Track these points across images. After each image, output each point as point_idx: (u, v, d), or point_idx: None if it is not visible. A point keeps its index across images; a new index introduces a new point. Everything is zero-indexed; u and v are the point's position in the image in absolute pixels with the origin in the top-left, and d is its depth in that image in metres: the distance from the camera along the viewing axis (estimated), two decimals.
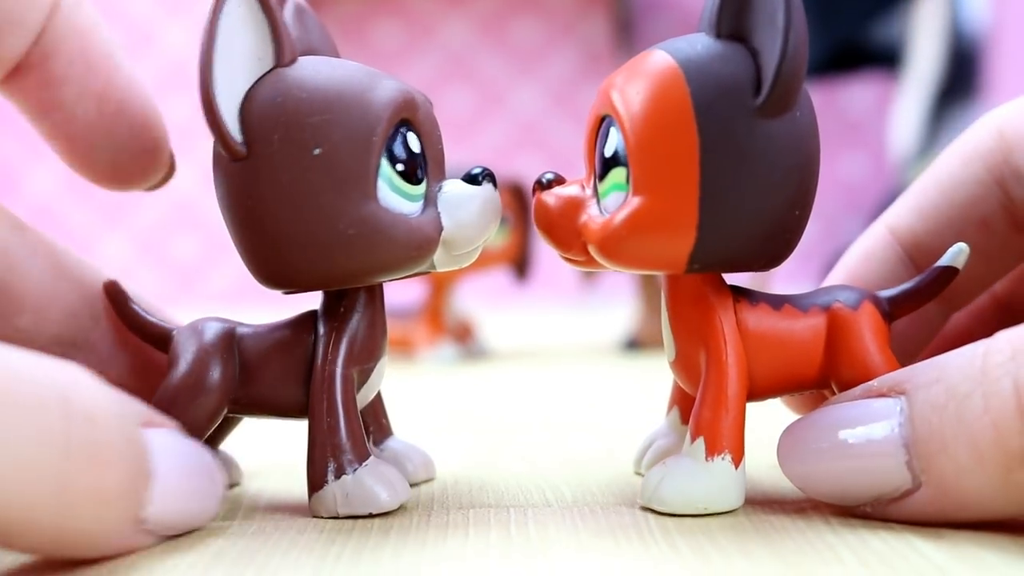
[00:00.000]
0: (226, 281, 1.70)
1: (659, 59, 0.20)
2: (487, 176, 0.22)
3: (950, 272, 0.22)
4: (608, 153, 0.21)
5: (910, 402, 0.19)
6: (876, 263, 0.25)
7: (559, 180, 0.22)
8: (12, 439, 0.15)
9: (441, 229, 0.22)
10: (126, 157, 0.24)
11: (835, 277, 0.26)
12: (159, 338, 0.23)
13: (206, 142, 0.25)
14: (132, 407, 0.19)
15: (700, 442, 0.21)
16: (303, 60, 0.21)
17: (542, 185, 0.22)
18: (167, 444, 0.19)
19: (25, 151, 1.65)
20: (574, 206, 0.22)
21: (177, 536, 0.20)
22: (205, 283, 1.71)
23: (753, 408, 0.23)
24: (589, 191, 0.22)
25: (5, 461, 0.15)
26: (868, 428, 0.20)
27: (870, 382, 0.21)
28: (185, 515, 0.20)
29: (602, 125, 0.21)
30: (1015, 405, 0.17)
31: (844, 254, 0.27)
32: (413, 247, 0.21)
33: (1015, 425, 0.17)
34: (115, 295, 0.24)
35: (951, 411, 0.18)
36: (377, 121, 0.21)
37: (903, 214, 0.25)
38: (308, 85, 0.21)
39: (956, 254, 0.22)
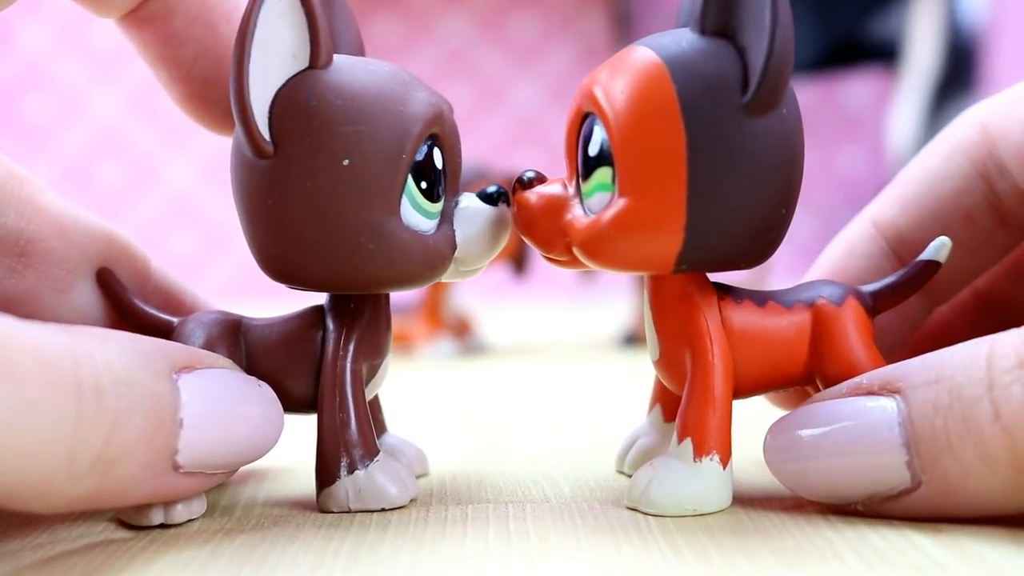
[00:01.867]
0: (225, 276, 1.70)
1: (643, 55, 0.20)
2: (503, 196, 0.22)
3: (932, 266, 0.22)
4: (592, 152, 0.20)
5: (908, 402, 0.19)
6: (859, 256, 0.25)
7: (540, 179, 0.22)
8: (29, 419, 0.16)
9: (455, 247, 0.22)
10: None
11: (818, 269, 0.26)
12: (159, 330, 0.23)
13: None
14: (161, 357, 0.19)
15: (688, 443, 0.21)
16: (338, 62, 0.21)
17: (523, 184, 0.22)
18: (203, 388, 0.19)
19: (25, 146, 1.65)
20: (557, 206, 0.21)
21: (175, 530, 0.20)
22: (204, 278, 1.71)
23: (748, 405, 0.23)
24: (572, 190, 0.21)
25: (22, 440, 0.15)
26: (863, 428, 0.19)
27: (857, 378, 0.20)
28: (227, 455, 0.20)
29: (584, 122, 0.21)
30: None
31: (827, 246, 0.26)
32: (428, 266, 0.21)
33: None
34: (110, 285, 0.24)
35: (956, 413, 0.18)
36: (408, 137, 0.21)
37: (887, 207, 0.25)
38: (343, 91, 0.20)
39: (938, 248, 0.22)
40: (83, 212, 0.24)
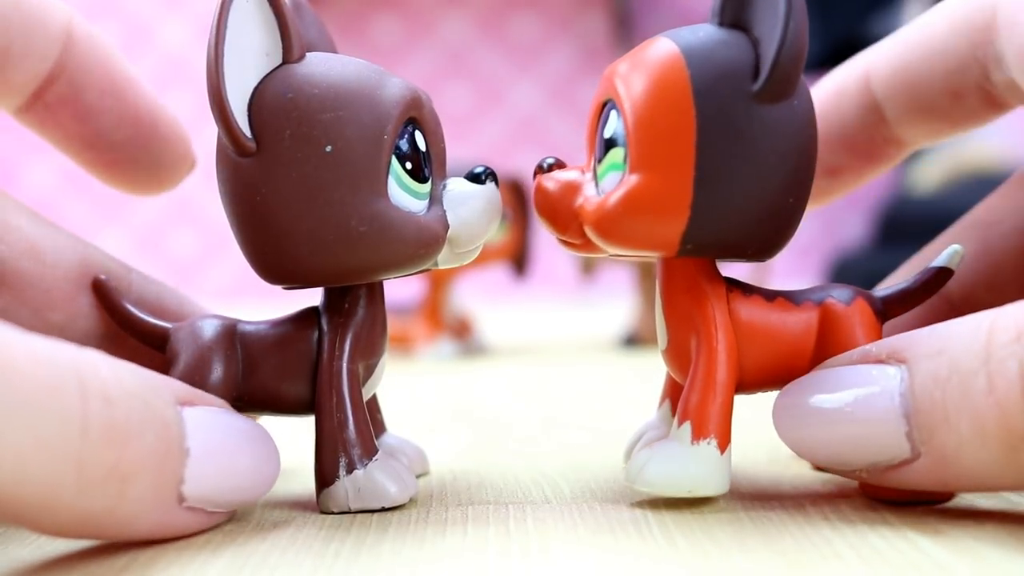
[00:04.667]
0: (225, 277, 1.70)
1: (662, 45, 0.21)
2: (490, 175, 0.23)
3: (945, 273, 0.22)
4: (607, 134, 0.21)
5: (911, 372, 0.19)
6: (846, 100, 0.26)
7: (559, 164, 0.23)
8: (31, 418, 0.15)
9: (448, 227, 0.22)
10: (164, 166, 0.26)
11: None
12: (155, 337, 0.23)
13: (205, 137, 0.25)
14: (166, 387, 0.19)
15: (687, 426, 0.21)
16: (311, 56, 0.21)
17: (543, 169, 0.22)
18: (206, 422, 0.19)
19: (23, 146, 1.65)
20: (572, 189, 0.22)
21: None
22: (204, 279, 1.71)
23: (750, 401, 0.23)
24: (588, 175, 0.22)
25: (24, 439, 0.15)
26: (868, 396, 0.20)
27: (867, 346, 0.21)
28: (230, 492, 0.20)
29: (604, 110, 0.22)
30: (1021, 388, 0.17)
31: (817, 85, 0.27)
32: (422, 245, 0.21)
33: (1020, 407, 0.17)
34: (105, 293, 0.24)
35: (954, 385, 0.18)
36: (388, 119, 0.21)
37: (882, 64, 0.25)
38: (319, 81, 0.21)
39: (951, 255, 0.22)
40: (57, 231, 0.24)
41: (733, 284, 0.22)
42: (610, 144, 0.21)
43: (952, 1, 0.24)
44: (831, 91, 0.26)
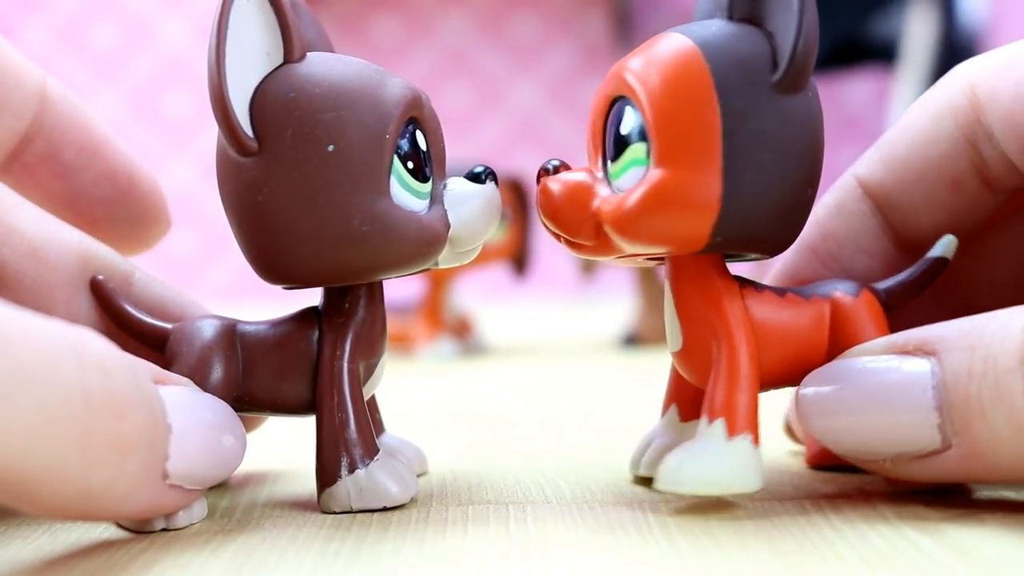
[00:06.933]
0: (225, 276, 1.70)
1: (675, 40, 0.21)
2: (490, 174, 0.23)
3: (941, 263, 0.23)
4: (624, 131, 0.21)
5: (942, 365, 0.19)
6: (847, 215, 0.25)
7: (564, 167, 0.22)
8: (36, 391, 0.15)
9: (449, 226, 0.22)
10: (143, 224, 0.27)
11: (806, 232, 0.26)
12: (154, 337, 0.23)
13: (204, 137, 0.25)
14: (142, 364, 0.19)
15: (719, 423, 0.21)
16: (312, 56, 0.21)
17: (548, 172, 0.22)
18: (180, 399, 0.19)
19: None
20: (582, 191, 0.21)
21: (176, 531, 0.20)
22: (204, 279, 1.71)
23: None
24: (600, 174, 0.22)
25: (31, 412, 0.15)
26: (899, 385, 0.20)
27: (893, 337, 0.21)
28: (207, 468, 0.20)
29: (613, 108, 0.21)
30: None
31: (815, 208, 0.26)
32: (424, 244, 0.21)
33: None
34: (102, 294, 0.24)
35: (990, 380, 0.18)
36: (389, 118, 0.21)
37: (873, 168, 0.25)
38: (320, 81, 0.21)
39: (946, 245, 0.23)
40: (60, 228, 0.23)
41: (744, 282, 0.22)
42: (626, 141, 0.21)
43: (926, 94, 0.24)
44: (831, 210, 0.25)
